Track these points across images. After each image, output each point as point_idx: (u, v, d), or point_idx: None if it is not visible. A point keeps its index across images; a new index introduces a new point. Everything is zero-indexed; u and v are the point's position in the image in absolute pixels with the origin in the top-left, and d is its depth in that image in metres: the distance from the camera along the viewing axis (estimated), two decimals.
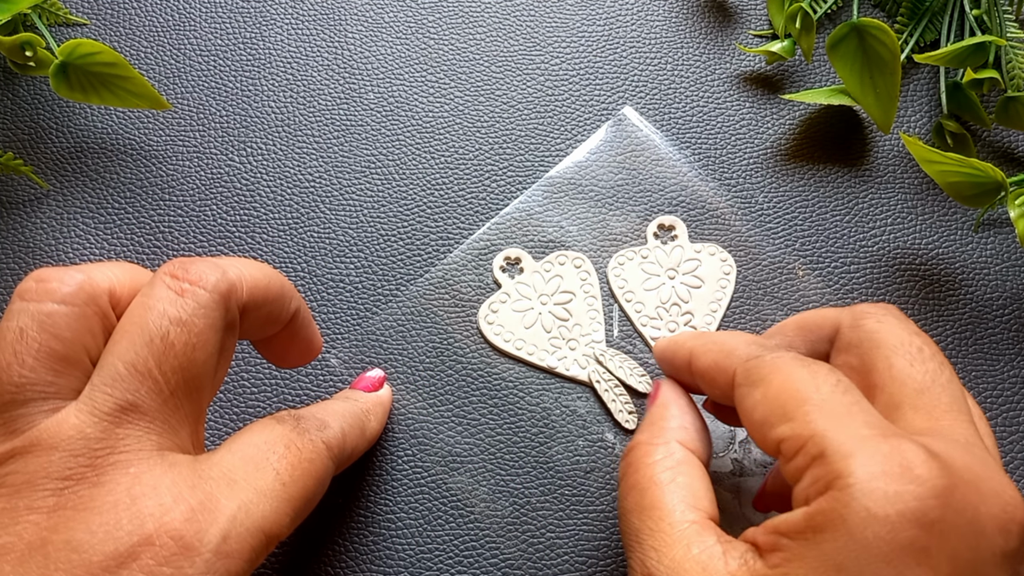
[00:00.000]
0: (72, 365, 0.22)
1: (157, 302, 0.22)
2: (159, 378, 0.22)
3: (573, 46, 0.40)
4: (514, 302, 0.35)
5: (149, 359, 0.22)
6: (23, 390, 0.21)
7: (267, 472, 0.23)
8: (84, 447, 0.21)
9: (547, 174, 0.37)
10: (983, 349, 0.35)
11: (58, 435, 0.21)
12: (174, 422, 0.23)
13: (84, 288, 0.22)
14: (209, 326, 0.23)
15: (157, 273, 0.23)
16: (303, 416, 0.26)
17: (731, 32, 0.41)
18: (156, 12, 0.41)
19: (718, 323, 0.35)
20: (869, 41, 0.34)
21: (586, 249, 0.36)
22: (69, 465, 0.21)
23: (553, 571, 0.31)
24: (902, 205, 0.37)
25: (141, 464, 0.21)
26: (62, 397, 0.22)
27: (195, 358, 0.23)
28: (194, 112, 0.39)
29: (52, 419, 0.21)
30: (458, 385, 0.34)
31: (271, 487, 0.23)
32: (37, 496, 0.21)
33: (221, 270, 0.24)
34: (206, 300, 0.23)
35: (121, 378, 0.22)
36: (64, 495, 0.21)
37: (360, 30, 0.41)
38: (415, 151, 0.38)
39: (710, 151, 0.38)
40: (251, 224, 0.37)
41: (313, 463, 0.25)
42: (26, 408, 0.21)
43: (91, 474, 0.21)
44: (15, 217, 0.37)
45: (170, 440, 0.23)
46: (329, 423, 0.27)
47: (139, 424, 0.22)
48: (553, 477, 0.32)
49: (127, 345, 0.22)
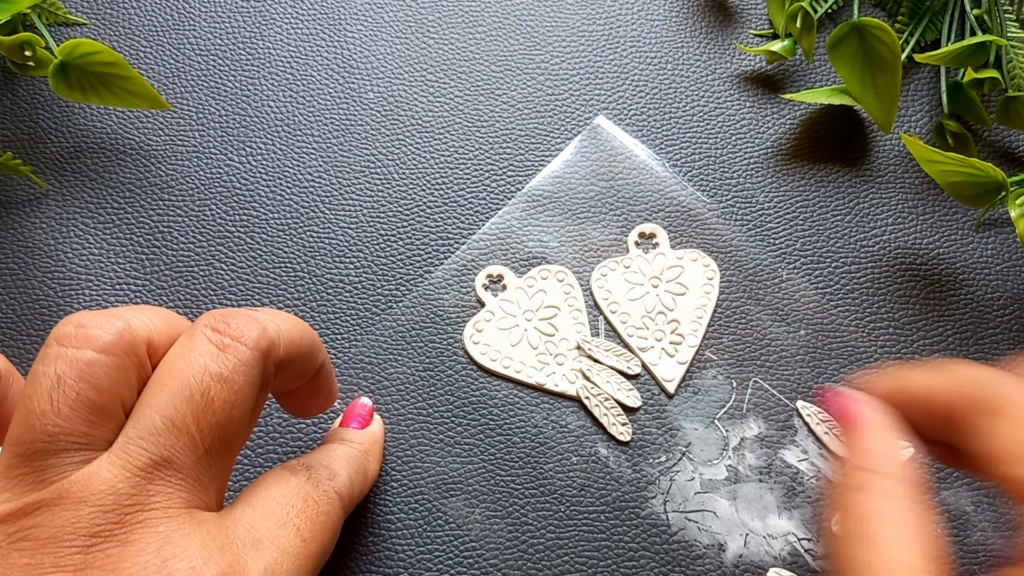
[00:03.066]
0: (107, 416, 0.21)
1: (199, 356, 0.22)
2: (196, 435, 0.21)
3: (573, 46, 0.40)
4: (499, 320, 0.35)
5: (188, 415, 0.21)
6: (56, 440, 0.21)
7: (289, 530, 0.24)
8: (114, 503, 0.20)
9: (523, 189, 0.37)
10: (983, 349, 0.35)
11: (88, 488, 0.20)
12: (205, 480, 0.22)
13: (124, 338, 0.22)
14: (249, 384, 0.23)
15: (197, 324, 0.23)
16: (312, 466, 0.27)
17: (731, 32, 0.41)
18: (156, 12, 0.41)
19: (704, 329, 0.34)
20: (870, 41, 0.34)
21: (568, 262, 0.36)
22: (98, 521, 0.20)
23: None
24: (902, 205, 0.37)
25: (171, 523, 0.21)
26: (94, 448, 0.21)
27: (233, 416, 0.22)
28: (194, 112, 0.39)
29: (83, 471, 0.21)
30: (447, 408, 0.33)
31: (293, 545, 0.23)
32: (63, 553, 0.20)
33: (262, 326, 0.23)
34: (247, 357, 0.22)
35: (158, 432, 0.21)
36: (92, 553, 0.20)
37: (360, 30, 0.41)
38: (415, 151, 0.38)
39: (710, 151, 0.38)
40: (251, 224, 0.37)
41: (329, 516, 0.25)
42: (57, 458, 0.21)
43: (120, 532, 0.20)
44: (15, 217, 0.37)
45: (199, 498, 0.22)
46: (337, 471, 0.27)
47: (171, 481, 0.21)
48: (548, 495, 0.32)
49: (166, 399, 0.21)
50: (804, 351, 0.34)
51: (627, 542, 0.31)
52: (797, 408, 0.33)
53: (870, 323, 0.35)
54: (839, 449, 0.33)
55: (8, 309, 0.35)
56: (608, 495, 0.32)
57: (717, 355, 0.34)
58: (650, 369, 0.34)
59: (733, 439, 0.33)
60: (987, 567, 0.30)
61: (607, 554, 0.31)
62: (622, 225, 0.36)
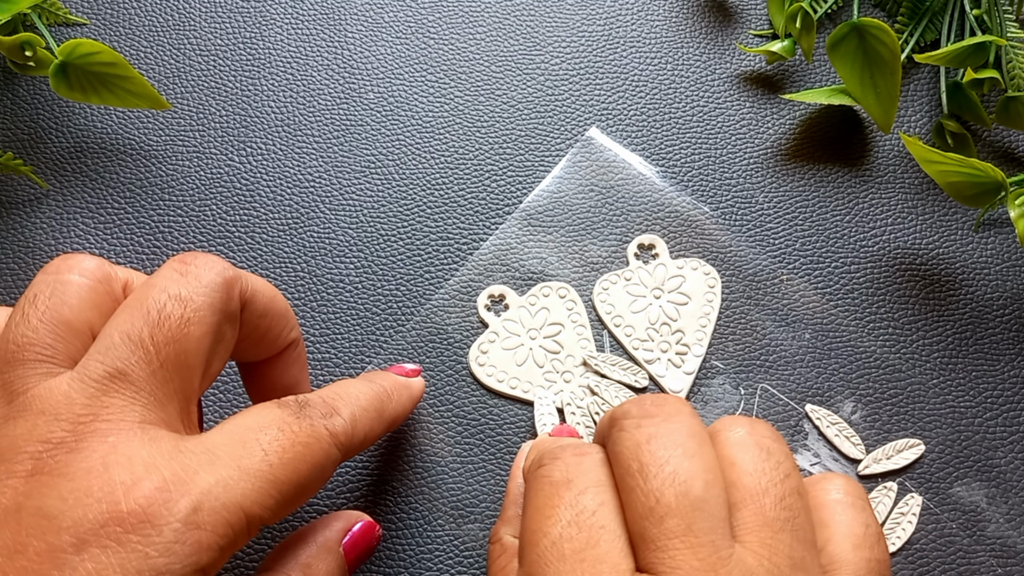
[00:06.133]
0: (73, 333, 0.22)
1: (159, 279, 0.23)
2: (151, 348, 0.22)
3: (573, 46, 0.40)
4: (503, 340, 0.34)
5: (144, 329, 0.22)
6: (23, 349, 0.22)
7: (254, 451, 0.22)
8: (69, 412, 0.21)
9: (519, 206, 0.37)
10: (983, 349, 0.35)
11: (47, 400, 0.21)
12: (161, 395, 0.22)
13: (101, 268, 0.23)
14: (207, 304, 0.23)
15: (167, 261, 0.24)
16: (310, 401, 0.25)
17: (731, 32, 0.41)
18: (156, 12, 0.41)
19: (708, 338, 0.34)
20: (869, 41, 0.34)
21: (569, 277, 0.35)
22: (51, 430, 0.21)
23: None
24: (902, 205, 0.37)
25: (120, 435, 0.21)
26: (58, 363, 0.22)
27: (189, 332, 0.23)
28: (194, 112, 0.39)
29: (44, 384, 0.21)
30: (457, 432, 0.33)
31: (256, 466, 0.22)
32: (17, 460, 0.21)
33: (226, 264, 0.24)
34: (207, 280, 0.23)
35: (114, 346, 0.22)
36: (43, 460, 0.21)
37: (360, 30, 0.41)
38: (415, 151, 0.38)
39: (710, 151, 0.38)
40: (251, 224, 0.37)
41: (309, 447, 0.23)
42: (23, 368, 0.22)
43: (71, 440, 0.21)
44: (15, 217, 0.37)
45: (156, 414, 0.22)
46: (339, 409, 0.26)
47: (125, 394, 0.22)
48: None
49: (125, 317, 0.23)
50: (809, 354, 0.34)
51: None
52: (806, 412, 0.33)
53: (870, 323, 0.35)
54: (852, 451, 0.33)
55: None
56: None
57: (723, 363, 0.34)
58: (657, 381, 0.34)
59: None
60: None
61: None
62: (620, 237, 0.36)
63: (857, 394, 0.34)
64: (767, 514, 0.21)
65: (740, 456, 0.23)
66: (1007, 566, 0.31)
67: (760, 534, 0.21)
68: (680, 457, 0.22)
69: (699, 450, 0.22)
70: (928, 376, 0.34)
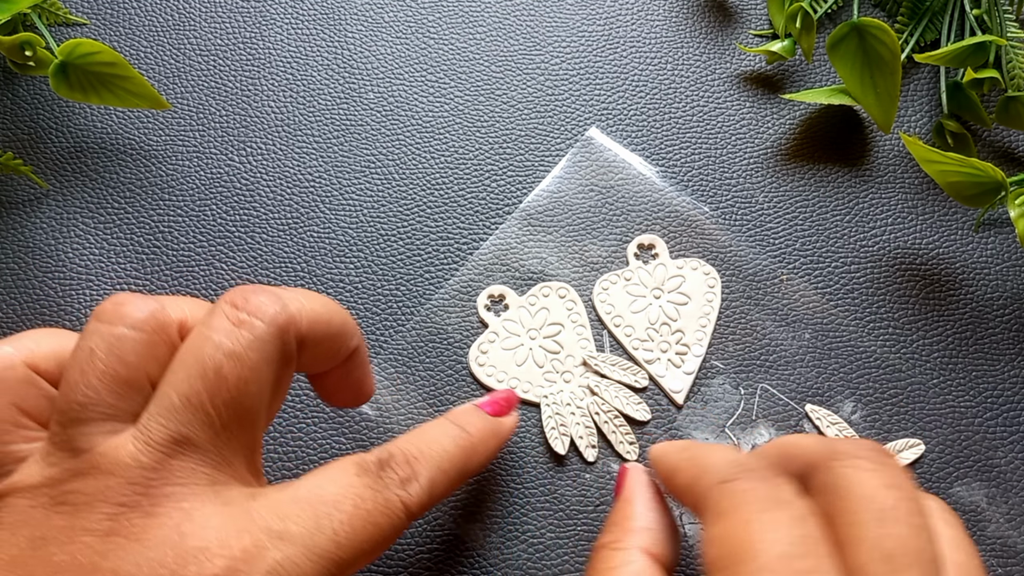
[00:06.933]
0: (134, 389, 0.22)
1: (213, 332, 0.22)
2: (211, 411, 0.22)
3: (573, 46, 0.40)
4: (503, 340, 0.34)
5: (202, 392, 0.22)
6: (85, 409, 0.22)
7: (325, 530, 0.22)
8: (140, 476, 0.21)
9: (519, 206, 0.37)
10: (983, 349, 0.35)
11: (116, 460, 0.21)
12: (227, 454, 0.23)
13: (156, 316, 0.23)
14: (263, 359, 0.23)
15: (218, 301, 0.23)
16: (391, 461, 0.25)
17: (731, 32, 0.41)
18: (156, 12, 0.41)
19: (708, 338, 0.34)
20: (869, 41, 0.34)
21: (569, 277, 0.35)
22: (125, 492, 0.21)
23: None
24: (902, 205, 0.37)
25: (194, 500, 0.22)
26: (121, 420, 0.22)
27: (248, 391, 0.23)
28: (194, 112, 0.39)
29: (110, 443, 0.22)
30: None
31: (324, 547, 0.22)
32: (94, 518, 0.21)
33: (282, 302, 0.23)
34: (262, 332, 0.23)
35: (175, 410, 0.22)
36: (118, 521, 0.21)
37: (360, 30, 0.41)
38: (415, 151, 0.38)
39: (710, 151, 0.38)
40: (251, 224, 0.37)
41: (379, 528, 0.24)
42: (87, 427, 0.22)
43: (146, 503, 0.21)
44: (15, 217, 0.37)
45: (224, 473, 0.23)
46: (418, 473, 0.25)
47: (193, 457, 0.22)
48: (563, 514, 0.32)
49: (183, 376, 0.22)
50: (809, 354, 0.34)
51: None
52: (806, 412, 0.33)
53: (870, 323, 0.35)
54: None
55: (8, 309, 0.35)
56: None
57: (723, 363, 0.34)
58: (657, 381, 0.34)
59: (745, 447, 0.32)
60: None
61: None
62: (620, 237, 0.36)
63: (857, 394, 0.34)
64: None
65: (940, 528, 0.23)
66: (1007, 566, 0.31)
67: None
68: (919, 514, 0.22)
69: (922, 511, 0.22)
70: (928, 376, 0.34)
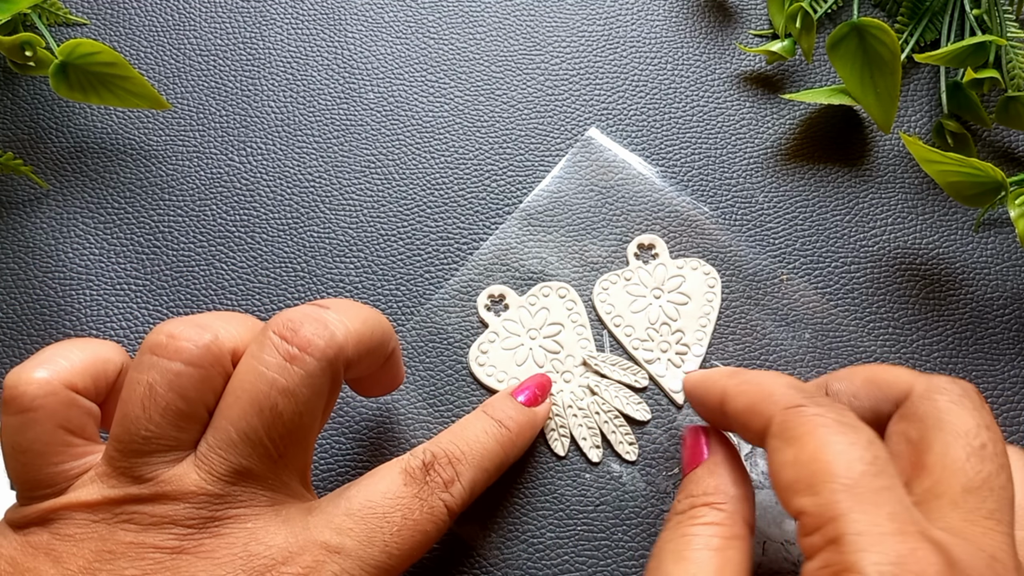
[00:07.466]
0: (193, 421, 0.23)
1: (266, 369, 0.23)
2: (268, 445, 0.23)
3: (573, 46, 0.40)
4: (503, 340, 0.34)
5: (260, 428, 0.23)
6: (148, 442, 0.23)
7: (377, 542, 0.24)
8: (205, 501, 0.23)
9: (519, 206, 0.36)
10: (983, 349, 0.35)
11: (181, 488, 0.23)
12: (285, 478, 0.24)
13: (211, 351, 0.23)
14: (316, 393, 0.24)
15: (266, 331, 0.24)
16: (435, 464, 0.27)
17: (731, 32, 0.41)
18: (156, 12, 0.41)
19: (708, 337, 0.34)
20: (869, 41, 0.34)
21: (569, 277, 0.35)
22: (192, 515, 0.23)
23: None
24: (902, 205, 0.37)
25: (258, 520, 0.23)
26: (182, 449, 0.23)
27: (303, 424, 0.24)
28: (194, 112, 0.39)
29: (174, 472, 0.23)
30: None
31: (377, 558, 0.24)
32: (163, 537, 0.22)
33: (330, 332, 0.24)
34: (314, 369, 0.24)
35: (234, 444, 0.23)
36: (187, 540, 0.23)
37: (360, 30, 0.41)
38: (415, 151, 0.38)
39: (710, 151, 0.38)
40: (251, 224, 0.37)
41: (427, 535, 0.25)
42: (151, 458, 0.23)
43: (212, 525, 0.23)
44: (15, 217, 0.37)
45: (282, 493, 0.24)
46: (461, 474, 0.27)
47: (252, 484, 0.24)
48: (563, 514, 0.32)
49: (239, 412, 0.23)
50: (808, 353, 0.34)
51: (646, 556, 0.31)
52: None
53: (870, 323, 0.35)
54: None
55: (8, 309, 0.35)
56: (624, 510, 0.32)
57: (723, 363, 0.34)
58: (657, 381, 0.34)
59: (744, 446, 0.32)
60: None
61: (626, 570, 0.31)
62: (620, 237, 0.36)
63: None
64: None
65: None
66: None
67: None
68: (1006, 458, 0.23)
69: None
70: None
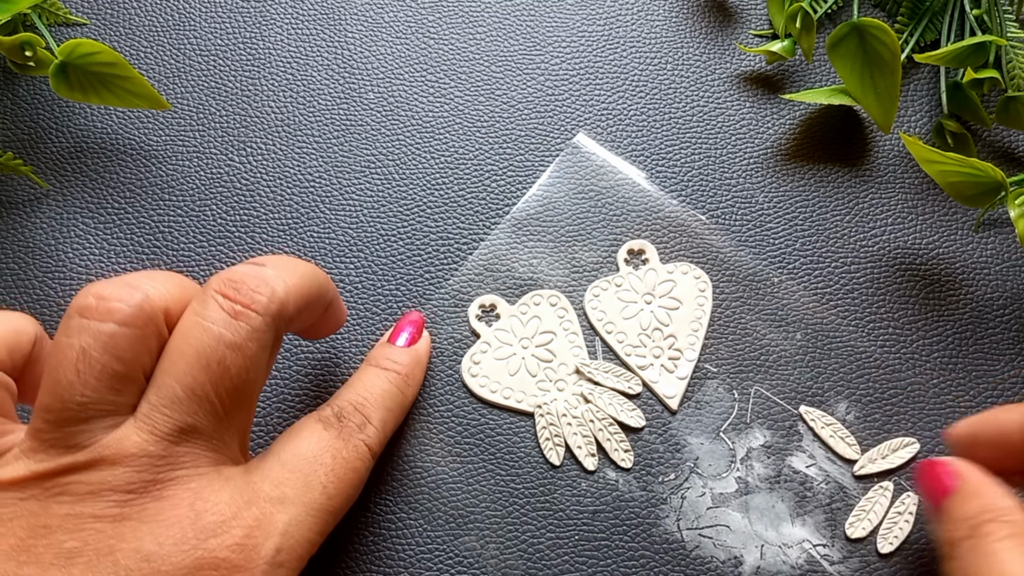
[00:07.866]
0: (130, 383, 0.23)
1: (212, 325, 0.23)
2: (215, 401, 0.23)
3: (573, 46, 0.40)
4: (495, 350, 0.34)
5: (207, 383, 0.23)
6: (85, 408, 0.22)
7: (315, 486, 0.25)
8: (147, 463, 0.22)
9: (507, 215, 0.36)
10: (983, 349, 0.35)
11: (120, 452, 0.22)
12: (227, 438, 0.24)
13: (144, 309, 0.23)
14: (261, 347, 0.24)
15: (207, 289, 0.24)
16: (344, 413, 0.27)
17: (731, 32, 0.41)
18: (156, 12, 0.41)
19: (701, 341, 0.34)
20: (869, 41, 0.34)
21: (559, 285, 0.35)
22: (132, 479, 0.22)
23: None
24: (902, 205, 0.37)
25: (201, 479, 0.23)
26: (120, 413, 0.23)
27: (248, 379, 0.24)
28: (194, 112, 0.39)
29: (114, 436, 0.22)
30: (451, 444, 0.33)
31: (318, 501, 0.25)
32: (102, 505, 0.22)
33: (271, 288, 0.24)
34: (259, 324, 0.24)
35: (180, 401, 0.23)
36: (128, 506, 0.22)
37: (360, 30, 0.41)
38: (415, 151, 0.38)
39: (709, 151, 0.38)
40: (251, 224, 0.37)
41: (356, 472, 0.27)
42: (87, 424, 0.22)
43: (154, 488, 0.22)
44: (15, 217, 0.37)
45: (223, 454, 0.24)
46: (371, 418, 0.28)
47: (197, 443, 0.23)
48: (560, 523, 0.32)
49: (184, 368, 0.23)
50: (803, 354, 0.34)
51: (643, 564, 0.31)
52: (800, 413, 0.33)
53: (870, 323, 0.35)
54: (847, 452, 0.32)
55: (8, 309, 0.35)
56: (620, 518, 0.32)
57: (716, 367, 0.34)
58: (651, 387, 0.34)
59: (740, 450, 0.32)
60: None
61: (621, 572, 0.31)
62: (610, 243, 0.36)
63: (856, 395, 0.34)
64: None
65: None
66: None
67: None
68: None
69: None
70: (928, 376, 0.34)
